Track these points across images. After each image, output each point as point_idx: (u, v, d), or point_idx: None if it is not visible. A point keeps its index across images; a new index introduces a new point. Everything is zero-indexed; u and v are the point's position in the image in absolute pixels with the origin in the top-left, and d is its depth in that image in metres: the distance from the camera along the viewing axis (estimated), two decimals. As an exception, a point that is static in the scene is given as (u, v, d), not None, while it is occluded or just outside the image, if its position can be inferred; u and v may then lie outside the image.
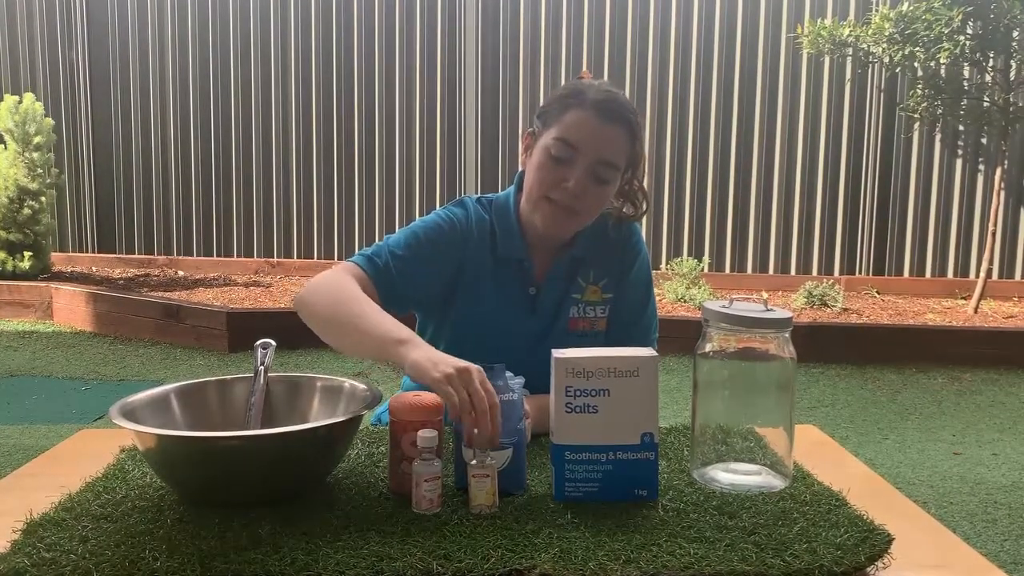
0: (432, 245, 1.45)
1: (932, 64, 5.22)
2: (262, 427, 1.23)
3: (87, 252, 6.90)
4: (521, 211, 1.48)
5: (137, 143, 6.77)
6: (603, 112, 1.38)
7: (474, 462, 1.08)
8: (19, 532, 1.02)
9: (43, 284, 5.57)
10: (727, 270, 6.34)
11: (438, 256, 1.45)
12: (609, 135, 1.38)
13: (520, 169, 1.51)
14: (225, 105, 6.65)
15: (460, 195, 1.73)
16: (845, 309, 5.38)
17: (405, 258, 1.42)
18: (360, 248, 6.69)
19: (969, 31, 4.99)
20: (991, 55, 5.30)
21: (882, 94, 6.07)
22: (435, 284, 1.48)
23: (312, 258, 6.69)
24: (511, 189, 1.53)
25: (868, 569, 0.97)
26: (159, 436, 1.10)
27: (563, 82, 6.30)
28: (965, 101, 5.58)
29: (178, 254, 6.83)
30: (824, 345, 4.58)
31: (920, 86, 5.49)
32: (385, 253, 1.42)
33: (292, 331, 5.78)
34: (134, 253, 6.89)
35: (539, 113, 1.46)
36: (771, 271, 6.31)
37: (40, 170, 5.93)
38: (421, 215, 1.73)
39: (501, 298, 1.48)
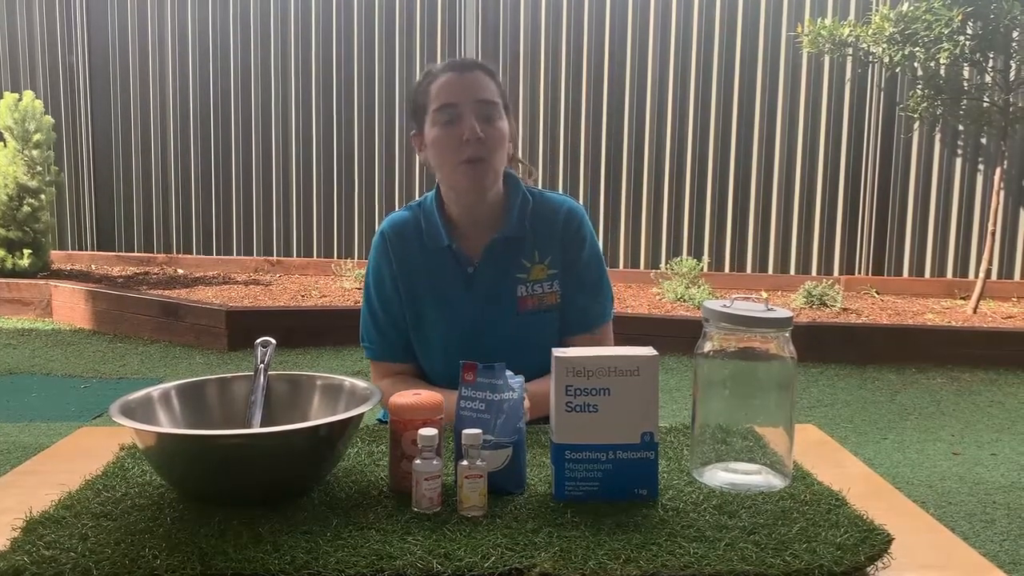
0: (378, 284, 1.60)
1: (932, 64, 5.22)
2: (262, 425, 1.23)
3: (86, 250, 6.90)
4: (444, 199, 1.60)
5: (137, 141, 6.77)
6: (456, 67, 1.53)
7: (465, 463, 1.08)
8: (19, 530, 1.02)
9: (42, 282, 5.57)
10: (726, 270, 6.34)
11: (387, 289, 1.59)
12: (472, 80, 1.51)
13: (435, 181, 1.62)
14: (225, 103, 6.65)
15: None
16: (844, 309, 5.38)
17: (378, 319, 1.60)
18: (358, 248, 6.69)
19: (969, 31, 4.99)
20: (991, 55, 5.30)
21: (882, 94, 6.07)
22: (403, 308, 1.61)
23: (312, 256, 6.69)
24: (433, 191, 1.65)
25: (868, 569, 0.97)
26: (159, 434, 1.10)
27: (563, 83, 6.31)
28: (965, 101, 5.59)
29: (177, 252, 6.83)
30: (823, 345, 4.58)
31: (920, 86, 5.49)
32: (367, 330, 1.62)
33: (292, 329, 5.74)
34: (133, 251, 6.88)
35: (410, 114, 1.61)
36: (770, 271, 6.31)
37: (40, 168, 5.92)
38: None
39: (435, 280, 1.57)
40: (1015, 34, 5.10)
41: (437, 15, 6.42)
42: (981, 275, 5.33)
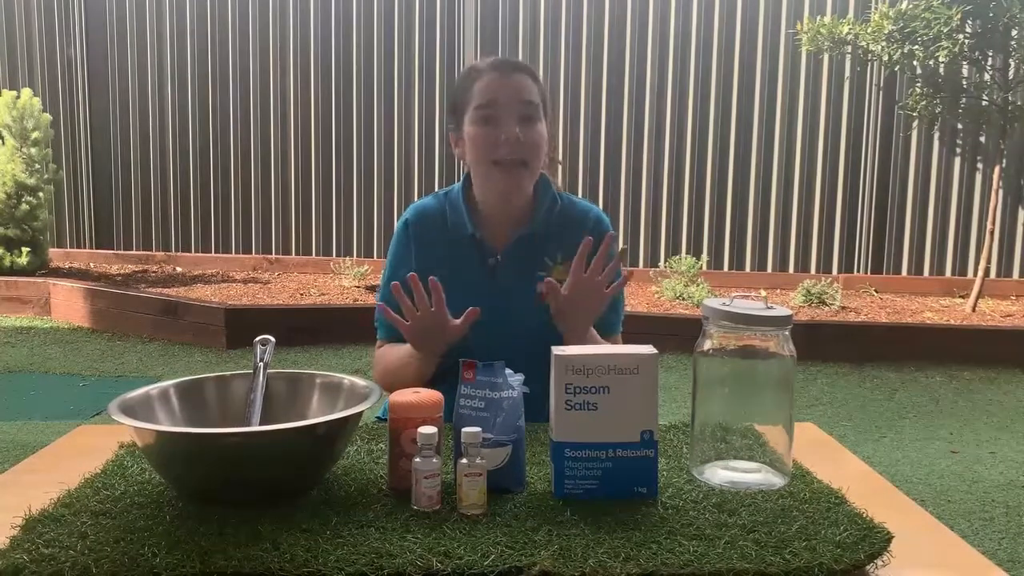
0: (397, 276, 1.57)
1: (931, 63, 5.22)
2: (261, 424, 1.23)
3: (85, 248, 6.90)
4: (475, 191, 1.61)
5: (135, 139, 6.76)
6: (501, 68, 1.54)
7: (465, 461, 1.08)
8: (18, 528, 1.02)
9: (41, 280, 5.56)
10: (725, 268, 6.34)
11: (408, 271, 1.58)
12: (515, 81, 1.53)
13: (466, 171, 1.63)
14: (223, 101, 6.64)
15: None
16: (843, 307, 5.39)
17: (392, 300, 1.57)
18: (356, 246, 6.67)
19: (968, 30, 4.99)
20: (990, 54, 5.30)
21: (881, 92, 6.07)
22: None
23: (310, 254, 6.68)
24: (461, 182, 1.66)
25: (867, 567, 0.97)
26: (158, 432, 1.10)
27: (561, 82, 6.30)
28: (964, 100, 5.59)
29: (176, 250, 6.82)
30: (822, 343, 4.59)
31: (919, 85, 5.49)
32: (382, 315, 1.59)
33: (291, 328, 5.73)
34: (132, 249, 6.88)
35: (449, 110, 1.62)
36: (769, 269, 6.31)
37: (38, 166, 5.92)
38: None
39: (455, 269, 1.56)
40: (1014, 33, 5.10)
41: (436, 14, 6.41)
42: (980, 273, 5.34)
